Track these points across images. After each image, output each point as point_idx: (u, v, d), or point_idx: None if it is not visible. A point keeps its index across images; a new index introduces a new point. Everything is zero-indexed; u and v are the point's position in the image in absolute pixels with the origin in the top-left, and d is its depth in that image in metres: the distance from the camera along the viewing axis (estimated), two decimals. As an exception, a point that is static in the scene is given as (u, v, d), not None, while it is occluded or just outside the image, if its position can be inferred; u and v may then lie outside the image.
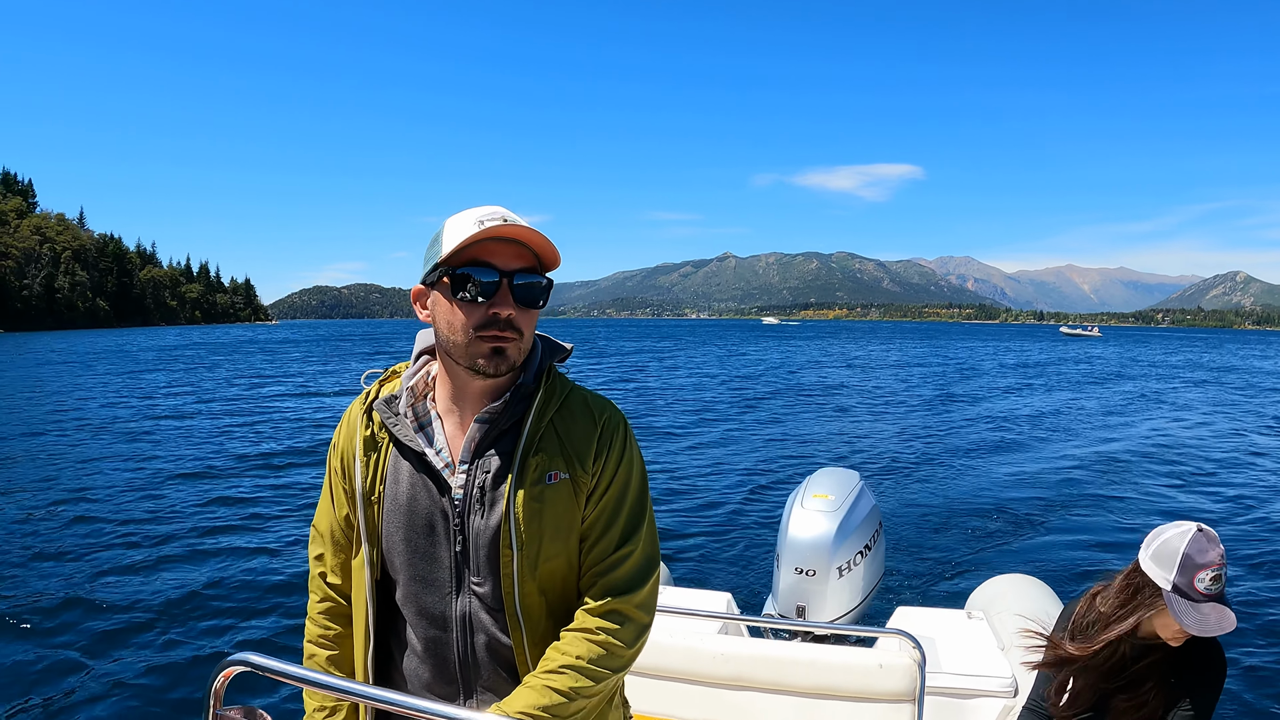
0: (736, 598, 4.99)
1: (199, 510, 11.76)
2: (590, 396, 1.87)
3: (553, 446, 1.75)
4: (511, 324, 1.68)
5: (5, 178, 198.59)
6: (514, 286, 1.68)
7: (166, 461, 15.87)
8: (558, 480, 1.74)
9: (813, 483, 5.11)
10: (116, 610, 7.80)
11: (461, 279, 1.67)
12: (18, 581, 8.70)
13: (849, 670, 3.35)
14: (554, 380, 1.83)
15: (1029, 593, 4.71)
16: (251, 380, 37.39)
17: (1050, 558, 9.65)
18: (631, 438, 1.88)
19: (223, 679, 1.70)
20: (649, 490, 1.90)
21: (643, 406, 24.91)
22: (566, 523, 1.75)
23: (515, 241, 1.69)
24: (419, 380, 1.84)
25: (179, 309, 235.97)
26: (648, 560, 1.82)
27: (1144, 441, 19.51)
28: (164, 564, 9.23)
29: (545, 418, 1.77)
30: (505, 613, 1.73)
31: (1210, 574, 2.54)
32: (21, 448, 17.92)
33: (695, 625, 3.89)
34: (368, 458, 1.81)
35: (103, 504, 12.25)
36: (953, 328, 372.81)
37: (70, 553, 9.76)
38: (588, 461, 1.77)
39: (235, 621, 7.55)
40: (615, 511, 1.79)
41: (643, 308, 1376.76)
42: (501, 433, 1.76)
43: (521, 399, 1.78)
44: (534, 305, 1.73)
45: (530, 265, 1.71)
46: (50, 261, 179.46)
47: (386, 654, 1.88)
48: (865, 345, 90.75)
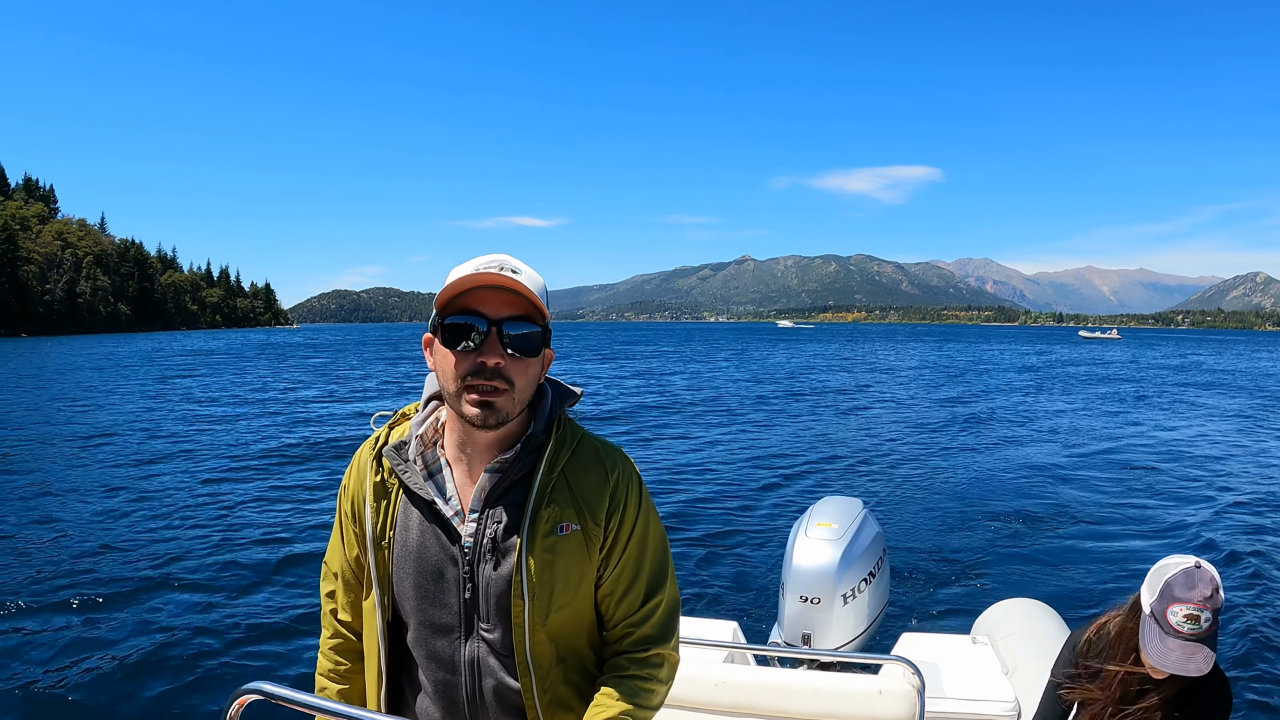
0: (743, 626, 4.94)
1: (217, 533, 11.72)
2: (601, 446, 1.86)
3: (564, 498, 1.76)
4: (500, 373, 1.67)
5: (27, 183, 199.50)
6: (503, 335, 1.67)
7: (189, 478, 15.84)
8: (569, 532, 1.75)
9: (816, 511, 5.18)
10: (131, 635, 7.81)
11: (450, 328, 1.68)
12: (30, 601, 8.72)
13: (849, 697, 3.38)
14: (564, 429, 1.83)
15: (1034, 617, 4.74)
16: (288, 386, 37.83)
17: (1057, 582, 9.58)
18: (644, 489, 1.88)
19: (237, 707, 1.71)
20: (667, 537, 1.92)
21: (645, 427, 24.36)
22: (577, 574, 1.76)
23: (509, 290, 1.68)
24: (428, 428, 1.84)
25: (200, 313, 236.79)
26: (674, 607, 1.87)
27: (1158, 462, 18.95)
28: (180, 589, 9.24)
29: (556, 469, 1.77)
30: (515, 659, 1.75)
31: (1185, 610, 2.50)
32: (38, 457, 18.05)
33: (701, 654, 3.88)
34: (378, 503, 1.81)
35: (120, 521, 12.33)
36: (971, 330, 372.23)
37: (85, 574, 9.74)
38: (599, 514, 1.77)
39: (250, 649, 7.55)
40: (639, 566, 1.82)
41: (661, 311, 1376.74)
42: (513, 483, 1.76)
43: (532, 450, 1.78)
44: (529, 354, 1.71)
45: (523, 313, 1.70)
46: (72, 266, 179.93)
47: (399, 692, 1.90)
48: (875, 350, 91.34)
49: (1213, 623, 2.51)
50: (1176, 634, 2.51)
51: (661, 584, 1.84)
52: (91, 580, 9.55)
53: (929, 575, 9.99)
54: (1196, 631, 2.50)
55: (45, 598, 8.92)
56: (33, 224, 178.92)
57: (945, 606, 8.83)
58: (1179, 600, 2.52)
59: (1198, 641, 2.50)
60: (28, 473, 16.57)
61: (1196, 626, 2.50)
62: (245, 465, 17.78)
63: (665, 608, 1.84)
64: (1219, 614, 2.54)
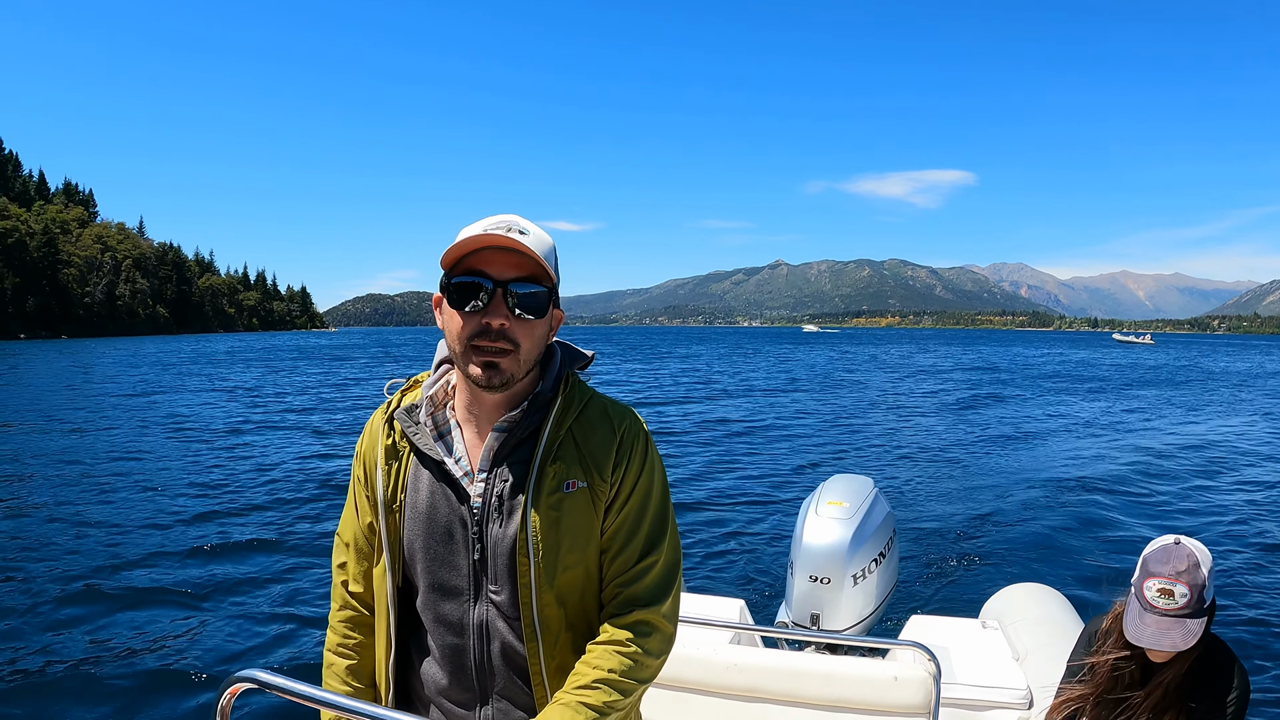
0: (750, 605, 4.85)
1: (210, 522, 11.68)
2: (610, 404, 1.85)
3: (571, 455, 1.75)
4: (505, 334, 1.67)
5: (67, 188, 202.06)
6: (509, 296, 1.67)
7: (190, 473, 15.73)
8: (575, 489, 1.73)
9: (826, 489, 5.08)
10: (124, 622, 7.75)
11: (457, 288, 1.68)
12: (24, 588, 8.68)
13: (863, 682, 3.36)
14: (573, 388, 1.82)
15: (1044, 602, 4.69)
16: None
17: (1066, 567, 9.47)
18: (652, 445, 1.87)
19: (229, 695, 1.70)
20: (670, 498, 1.89)
21: (655, 412, 24.44)
22: (585, 532, 1.74)
23: (515, 251, 1.67)
24: (439, 389, 1.84)
25: (237, 316, 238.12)
26: (671, 569, 1.81)
27: (1173, 449, 19.00)
28: (174, 576, 9.13)
29: (564, 426, 1.76)
30: (522, 621, 1.73)
31: (1158, 584, 2.51)
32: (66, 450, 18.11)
33: (708, 634, 3.82)
34: (389, 466, 1.81)
35: (117, 508, 12.34)
36: (1003, 335, 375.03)
37: (78, 560, 9.74)
38: (606, 470, 1.76)
39: (243, 636, 7.46)
40: (638, 522, 1.79)
41: (694, 315, 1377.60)
42: (519, 441, 1.76)
43: (539, 407, 1.77)
44: (535, 314, 1.70)
45: (530, 274, 1.69)
46: (111, 269, 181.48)
47: (406, 659, 1.89)
48: (895, 350, 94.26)
49: (1190, 598, 2.47)
50: (1151, 609, 2.50)
51: (659, 543, 1.80)
52: (82, 562, 9.59)
53: (938, 556, 9.92)
54: (1171, 606, 2.48)
55: (34, 576, 9.00)
56: (73, 228, 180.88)
57: (953, 588, 8.70)
58: (1152, 575, 2.52)
59: (1174, 617, 2.48)
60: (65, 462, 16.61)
61: (1170, 601, 2.48)
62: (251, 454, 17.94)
63: (660, 569, 1.79)
64: (1202, 591, 2.49)
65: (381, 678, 1.88)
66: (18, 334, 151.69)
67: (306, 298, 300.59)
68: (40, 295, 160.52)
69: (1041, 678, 3.33)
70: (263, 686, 1.68)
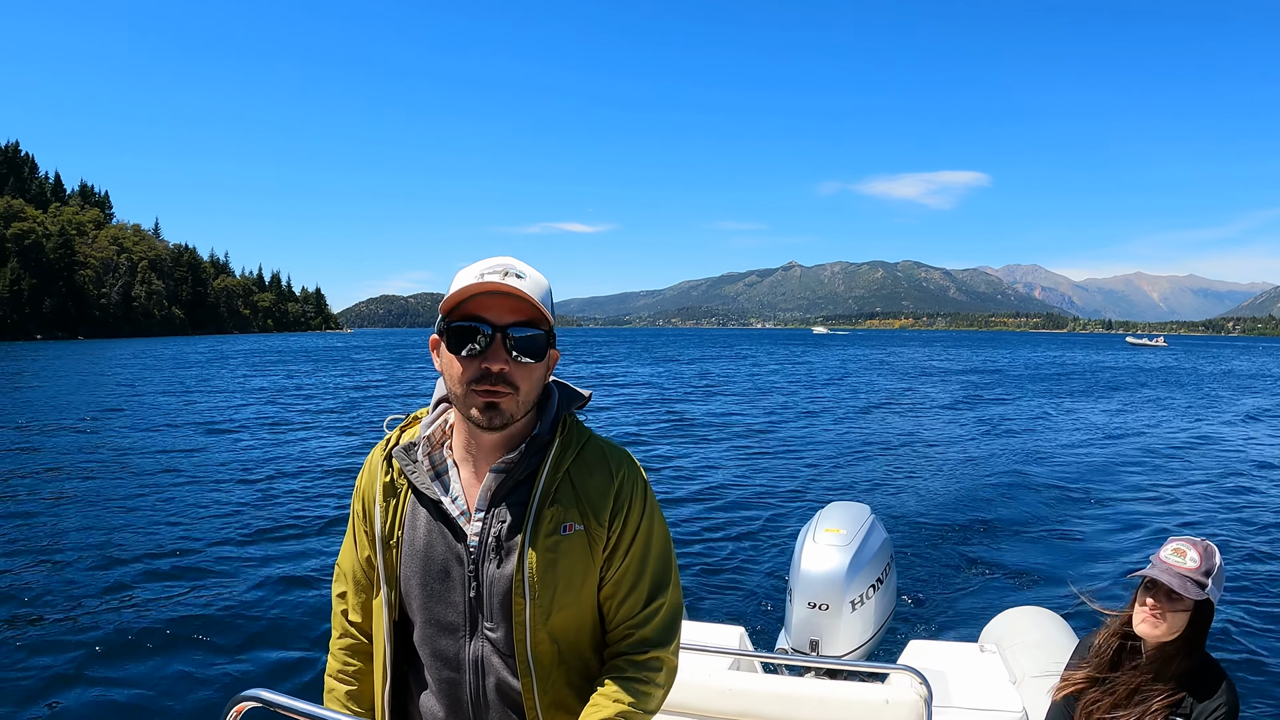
0: (749, 632, 4.91)
1: (221, 539, 11.63)
2: (607, 447, 1.87)
3: (568, 498, 1.77)
4: (505, 378, 1.69)
5: (83, 189, 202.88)
6: (507, 340, 1.69)
7: (204, 484, 15.66)
8: (572, 532, 1.75)
9: (824, 516, 5.19)
10: (132, 638, 7.79)
11: (455, 332, 1.70)
12: (33, 603, 8.78)
13: (856, 706, 3.40)
14: (570, 430, 1.84)
15: (1043, 626, 4.73)
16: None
17: (1066, 591, 9.31)
18: (650, 491, 1.89)
19: (235, 714, 1.71)
20: (671, 540, 1.92)
21: (650, 433, 23.86)
22: (580, 574, 1.77)
23: (513, 296, 1.69)
24: (436, 429, 1.86)
25: (252, 318, 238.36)
26: (676, 610, 1.87)
27: (1179, 470, 18.42)
28: (182, 594, 9.19)
29: (561, 469, 1.78)
30: (516, 658, 1.75)
31: (1174, 545, 2.79)
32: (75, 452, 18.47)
33: (707, 661, 3.86)
34: (387, 503, 1.84)
35: (128, 524, 12.32)
36: (1016, 337, 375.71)
37: (88, 573, 9.84)
38: (604, 515, 1.78)
39: (248, 655, 7.54)
40: (641, 568, 1.82)
41: (708, 317, 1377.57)
42: (517, 483, 1.78)
43: (537, 450, 1.79)
44: (533, 357, 1.73)
45: (528, 318, 1.71)
46: (127, 271, 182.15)
47: (403, 691, 1.92)
48: (900, 353, 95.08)
49: (1199, 565, 2.73)
50: (1164, 563, 2.77)
51: (664, 587, 1.85)
52: (91, 576, 9.70)
53: (936, 582, 9.92)
54: (1180, 564, 2.73)
55: (44, 589, 9.16)
56: (89, 229, 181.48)
57: (952, 614, 8.71)
58: (1170, 540, 2.81)
59: (1182, 575, 2.72)
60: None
61: (1181, 560, 2.74)
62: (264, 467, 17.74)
63: (666, 611, 1.84)
64: (1210, 571, 2.74)
65: (379, 708, 1.91)
66: (34, 335, 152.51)
67: (321, 299, 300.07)
68: (57, 296, 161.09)
69: (1039, 701, 3.35)
70: (266, 705, 1.68)
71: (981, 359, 73.60)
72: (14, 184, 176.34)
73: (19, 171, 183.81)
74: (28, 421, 24.55)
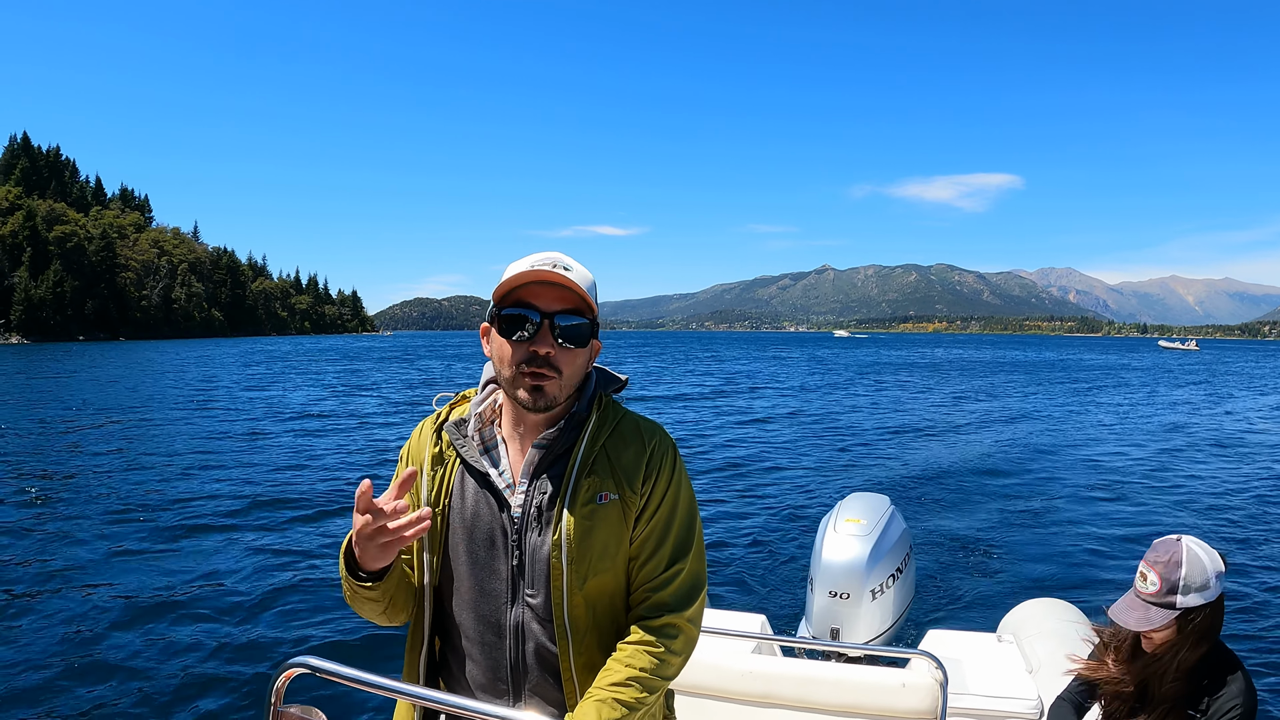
0: (771, 620, 5.00)
1: (271, 513, 12.37)
2: (641, 421, 1.97)
3: (604, 469, 1.86)
4: (550, 362, 1.79)
5: (124, 193, 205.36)
6: (554, 327, 1.80)
7: (258, 469, 16.52)
8: (608, 501, 1.84)
9: (844, 507, 5.29)
10: (186, 608, 8.15)
11: (506, 319, 1.81)
12: (92, 573, 9.31)
13: (873, 689, 3.46)
14: (606, 408, 1.95)
15: (1061, 617, 4.79)
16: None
17: (1086, 582, 9.46)
18: (680, 460, 1.98)
19: (284, 679, 1.76)
20: (698, 512, 1.99)
21: (668, 425, 24.19)
22: (615, 541, 1.85)
23: (561, 285, 1.80)
24: (486, 407, 1.96)
25: (289, 320, 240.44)
26: (696, 577, 1.92)
27: (1198, 465, 18.49)
28: (231, 566, 9.65)
29: (598, 443, 1.88)
30: (554, 623, 1.83)
31: (1140, 567, 2.70)
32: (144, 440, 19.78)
33: (730, 646, 3.94)
34: (434, 473, 1.92)
35: (184, 500, 13.19)
36: (1050, 340, 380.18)
37: (145, 544, 10.52)
38: (636, 483, 1.87)
39: (295, 624, 7.84)
40: (665, 531, 1.89)
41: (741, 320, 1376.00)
42: (557, 456, 1.87)
43: (575, 426, 1.90)
44: (577, 344, 1.84)
45: (574, 307, 1.82)
46: (168, 273, 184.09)
47: (442, 655, 1.99)
48: (920, 353, 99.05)
49: (1159, 589, 2.63)
50: (1132, 588, 2.72)
51: (685, 553, 1.90)
52: (147, 547, 10.38)
53: (955, 572, 9.94)
54: (1142, 589, 2.67)
55: (101, 561, 9.76)
56: (129, 232, 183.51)
57: (971, 604, 8.76)
58: (1144, 560, 2.71)
59: (1141, 600, 2.66)
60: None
61: (1144, 585, 2.66)
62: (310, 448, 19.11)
63: (686, 577, 1.89)
64: (1175, 587, 2.62)
65: (411, 670, 1.97)
66: (77, 335, 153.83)
67: (357, 301, 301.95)
68: (99, 298, 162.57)
69: (1055, 690, 3.35)
70: (315, 671, 1.73)
71: (1009, 357, 74.93)
72: (56, 187, 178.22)
73: (60, 175, 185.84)
74: (139, 408, 27.16)
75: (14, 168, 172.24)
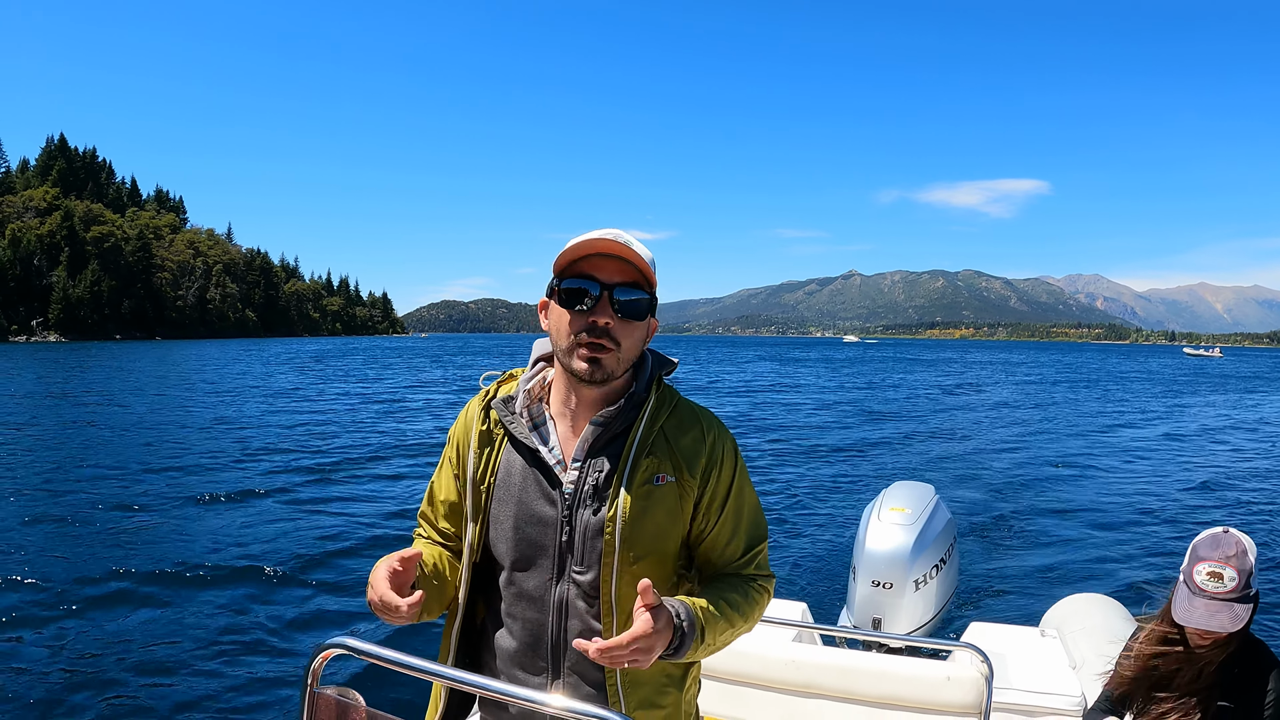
0: (812, 608, 4.91)
1: (309, 500, 12.66)
2: (698, 408, 1.99)
3: (663, 451, 1.86)
4: (609, 333, 1.79)
5: (159, 195, 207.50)
6: (614, 299, 1.80)
7: (300, 456, 17.24)
8: (664, 483, 1.85)
9: (889, 495, 5.27)
10: (224, 591, 8.34)
11: (567, 291, 1.81)
12: (137, 554, 9.52)
13: (917, 681, 3.43)
14: (664, 390, 1.95)
15: (1105, 613, 4.77)
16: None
17: (1129, 578, 9.36)
18: (738, 449, 2.00)
19: (321, 660, 1.77)
20: (756, 492, 2.05)
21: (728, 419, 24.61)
22: (668, 523, 1.86)
23: (621, 258, 1.81)
24: (535, 384, 1.95)
25: (321, 321, 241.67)
26: (766, 554, 2.04)
27: (1239, 461, 18.88)
28: (269, 549, 9.82)
29: (657, 424, 1.88)
30: (600, 601, 1.83)
31: (1207, 568, 2.59)
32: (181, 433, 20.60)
33: (770, 633, 3.89)
34: (482, 449, 1.93)
35: (223, 489, 13.41)
36: (1076, 347, 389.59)
37: (191, 528, 10.80)
38: (696, 469, 1.88)
39: (332, 606, 8.05)
40: (737, 521, 1.94)
41: (767, 325, 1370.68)
42: (614, 435, 1.88)
43: (634, 405, 1.89)
44: (636, 318, 1.84)
45: (633, 280, 1.82)
46: (203, 274, 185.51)
47: (481, 631, 2.00)
48: (942, 359, 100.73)
49: (1239, 583, 2.56)
50: (1201, 592, 2.58)
51: (759, 538, 1.98)
52: (193, 530, 10.67)
53: (999, 565, 9.94)
54: (1220, 590, 2.56)
55: (146, 544, 9.98)
56: (165, 233, 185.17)
57: (1014, 597, 8.72)
58: (1202, 559, 2.61)
59: (1222, 600, 2.56)
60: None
61: (1220, 584, 2.56)
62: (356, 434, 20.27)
63: (765, 555, 2.00)
64: (1249, 577, 2.58)
65: (444, 644, 1.98)
66: (114, 335, 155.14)
67: (388, 304, 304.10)
68: (135, 298, 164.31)
69: (1098, 687, 3.30)
70: (352, 652, 1.74)
71: (1042, 359, 77.72)
72: (92, 189, 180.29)
73: (96, 176, 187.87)
74: (210, 400, 28.86)
75: (51, 169, 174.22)
